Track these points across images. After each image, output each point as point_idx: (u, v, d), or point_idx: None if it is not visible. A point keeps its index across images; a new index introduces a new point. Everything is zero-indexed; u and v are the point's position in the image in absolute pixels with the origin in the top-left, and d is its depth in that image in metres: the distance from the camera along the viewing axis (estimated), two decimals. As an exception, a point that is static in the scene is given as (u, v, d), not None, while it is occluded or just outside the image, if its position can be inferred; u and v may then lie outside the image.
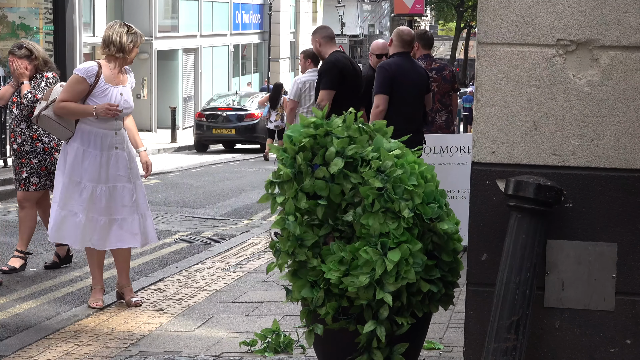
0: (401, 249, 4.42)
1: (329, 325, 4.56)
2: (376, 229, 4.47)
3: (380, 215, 4.47)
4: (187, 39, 35.53)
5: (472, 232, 4.13)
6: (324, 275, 4.53)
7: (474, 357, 4.12)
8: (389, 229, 4.45)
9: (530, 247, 3.91)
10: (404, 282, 4.41)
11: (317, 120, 4.69)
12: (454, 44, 55.41)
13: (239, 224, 12.14)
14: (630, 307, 4.02)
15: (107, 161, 6.73)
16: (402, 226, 4.45)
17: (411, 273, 4.42)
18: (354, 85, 8.93)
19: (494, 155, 4.08)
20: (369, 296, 4.44)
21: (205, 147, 26.65)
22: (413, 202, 4.49)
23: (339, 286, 4.50)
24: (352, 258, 4.50)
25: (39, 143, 8.35)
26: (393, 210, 4.47)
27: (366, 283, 4.41)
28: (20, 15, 24.00)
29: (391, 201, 4.46)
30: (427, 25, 73.04)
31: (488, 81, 4.07)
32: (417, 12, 31.92)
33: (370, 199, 4.49)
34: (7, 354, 5.77)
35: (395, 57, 8.51)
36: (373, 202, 4.48)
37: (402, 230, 4.45)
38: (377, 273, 4.41)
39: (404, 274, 4.41)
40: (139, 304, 6.98)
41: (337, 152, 4.58)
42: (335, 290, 4.51)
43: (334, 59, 8.98)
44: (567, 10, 4.00)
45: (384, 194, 4.48)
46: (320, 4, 49.62)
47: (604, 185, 4.01)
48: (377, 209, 4.48)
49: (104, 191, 6.73)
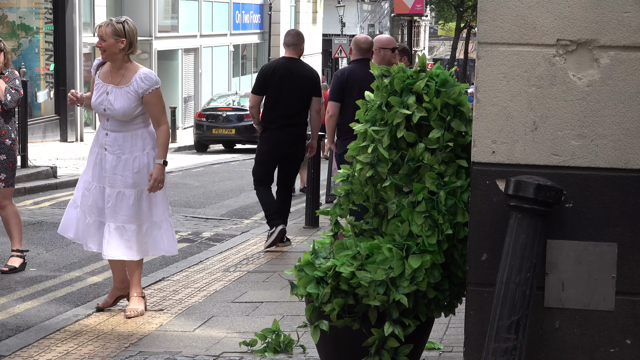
0: (423, 258, 4.40)
1: (333, 322, 4.56)
2: (405, 229, 4.44)
3: (421, 218, 4.44)
4: (187, 39, 35.53)
5: (472, 232, 4.13)
6: (336, 269, 4.51)
7: (474, 357, 4.12)
8: (422, 233, 4.42)
9: (530, 247, 3.91)
10: (414, 288, 4.40)
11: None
12: (454, 44, 55.39)
13: (239, 224, 12.14)
14: (630, 307, 4.02)
15: (99, 160, 6.66)
16: (435, 237, 4.42)
17: (424, 283, 4.41)
18: (288, 89, 9.26)
19: (494, 155, 4.08)
20: (379, 295, 4.42)
21: (205, 147, 26.66)
22: (455, 219, 4.45)
23: (349, 281, 4.47)
24: (367, 255, 4.49)
25: (7, 139, 8.24)
26: (434, 219, 4.44)
27: (382, 278, 4.39)
28: (20, 15, 23.99)
29: (437, 211, 4.43)
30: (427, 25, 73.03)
31: (488, 81, 4.07)
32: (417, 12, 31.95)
33: (420, 197, 4.45)
34: (7, 354, 5.77)
35: (352, 64, 9.00)
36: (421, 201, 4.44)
37: (434, 241, 4.42)
38: (395, 272, 4.40)
39: (418, 281, 4.41)
40: (129, 316, 6.72)
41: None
42: (344, 287, 4.48)
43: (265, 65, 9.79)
44: (567, 10, 4.00)
45: (435, 199, 4.45)
46: (320, 4, 49.60)
47: (604, 185, 4.01)
48: (422, 210, 4.45)
49: (94, 189, 6.65)
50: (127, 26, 6.62)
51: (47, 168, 15.96)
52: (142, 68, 6.71)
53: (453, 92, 4.55)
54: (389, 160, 4.54)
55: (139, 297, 6.84)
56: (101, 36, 6.58)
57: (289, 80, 9.32)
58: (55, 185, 15.28)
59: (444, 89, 4.55)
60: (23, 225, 8.86)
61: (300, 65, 9.50)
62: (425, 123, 4.56)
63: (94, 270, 8.62)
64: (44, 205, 13.06)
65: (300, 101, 9.38)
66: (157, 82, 6.66)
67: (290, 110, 9.33)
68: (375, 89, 4.68)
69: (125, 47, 6.59)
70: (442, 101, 4.53)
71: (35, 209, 12.65)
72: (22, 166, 15.14)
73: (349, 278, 4.48)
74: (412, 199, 4.48)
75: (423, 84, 4.52)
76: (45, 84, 24.25)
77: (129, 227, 6.63)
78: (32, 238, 10.12)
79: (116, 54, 6.58)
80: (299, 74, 9.38)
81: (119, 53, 6.58)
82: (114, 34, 6.56)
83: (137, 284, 6.85)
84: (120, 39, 6.56)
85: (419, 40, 66.15)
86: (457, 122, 4.54)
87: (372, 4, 60.36)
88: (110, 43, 6.56)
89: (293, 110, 9.35)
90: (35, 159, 16.92)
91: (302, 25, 46.46)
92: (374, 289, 4.43)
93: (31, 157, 16.26)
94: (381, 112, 4.59)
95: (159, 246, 6.80)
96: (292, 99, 9.34)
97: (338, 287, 4.53)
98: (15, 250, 8.42)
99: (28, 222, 11.07)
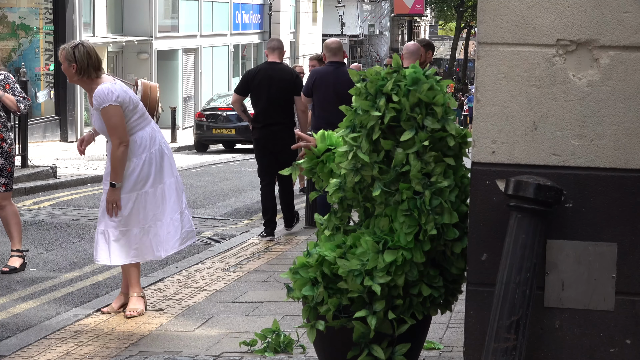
0: (396, 255, 4.40)
1: (329, 323, 4.57)
2: (385, 225, 4.45)
3: (403, 216, 4.43)
4: (187, 39, 35.53)
5: (472, 232, 4.13)
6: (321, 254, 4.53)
7: (474, 357, 4.12)
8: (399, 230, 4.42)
9: (530, 247, 3.91)
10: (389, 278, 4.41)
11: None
12: (454, 44, 55.42)
13: (239, 224, 12.14)
14: (630, 307, 4.02)
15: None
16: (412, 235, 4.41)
17: (401, 279, 4.42)
18: (269, 91, 10.03)
19: (494, 155, 4.08)
20: (358, 286, 4.43)
21: (205, 147, 26.65)
22: (442, 219, 4.41)
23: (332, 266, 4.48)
24: (350, 246, 4.51)
25: (4, 143, 8.21)
26: (416, 218, 4.42)
27: (356, 268, 4.41)
28: (20, 15, 24.00)
29: (419, 211, 4.40)
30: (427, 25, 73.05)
31: (488, 81, 4.08)
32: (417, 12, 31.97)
33: (404, 195, 4.43)
34: (7, 354, 5.78)
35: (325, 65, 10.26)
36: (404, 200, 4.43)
37: (411, 238, 4.42)
38: (369, 264, 4.42)
39: (394, 276, 4.42)
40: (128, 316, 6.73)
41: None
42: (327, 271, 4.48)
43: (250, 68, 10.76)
44: (567, 10, 4.00)
45: (417, 199, 4.42)
46: (320, 4, 49.61)
47: (604, 185, 4.01)
48: (404, 208, 4.44)
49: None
50: (77, 52, 6.61)
51: (47, 168, 15.97)
52: (100, 86, 6.61)
53: (422, 89, 4.44)
54: (372, 163, 4.52)
55: (138, 297, 6.85)
56: (62, 60, 6.66)
57: (269, 82, 10.05)
58: (55, 185, 15.29)
59: (413, 88, 4.46)
60: (23, 225, 8.87)
61: (281, 68, 10.24)
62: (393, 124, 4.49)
63: (94, 270, 8.62)
64: (44, 205, 13.07)
65: (281, 102, 10.11)
66: (106, 101, 6.52)
67: (271, 110, 10.09)
68: (356, 94, 4.64)
69: (77, 71, 6.62)
70: (413, 100, 4.43)
71: (35, 209, 12.65)
72: (22, 166, 15.16)
73: (332, 263, 4.49)
74: (398, 197, 4.48)
75: (391, 85, 4.45)
76: (45, 84, 24.25)
77: (112, 232, 6.66)
78: (32, 238, 10.13)
79: (72, 78, 6.66)
80: (279, 77, 10.10)
81: (74, 76, 6.63)
82: (66, 59, 6.62)
83: (135, 284, 6.87)
84: (71, 63, 6.60)
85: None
86: (431, 120, 4.44)
87: (372, 4, 60.37)
88: (65, 67, 6.66)
89: (274, 111, 10.08)
90: (35, 159, 16.92)
91: (302, 25, 46.48)
92: (352, 279, 4.44)
93: (31, 157, 16.26)
94: (358, 117, 4.56)
95: (146, 251, 6.79)
96: (273, 100, 10.06)
97: (330, 288, 4.54)
98: (15, 250, 8.41)
99: (28, 222, 11.07)
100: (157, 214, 6.73)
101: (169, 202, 6.75)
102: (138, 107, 6.68)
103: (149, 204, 6.69)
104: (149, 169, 6.65)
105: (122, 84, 6.75)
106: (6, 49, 23.52)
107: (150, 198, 6.69)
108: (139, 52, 32.31)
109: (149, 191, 6.67)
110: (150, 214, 6.70)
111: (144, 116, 6.72)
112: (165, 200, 6.74)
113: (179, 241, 6.84)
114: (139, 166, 6.63)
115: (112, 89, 6.57)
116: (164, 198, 6.73)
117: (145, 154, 6.65)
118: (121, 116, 6.56)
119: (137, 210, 6.67)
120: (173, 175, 6.80)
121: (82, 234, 10.65)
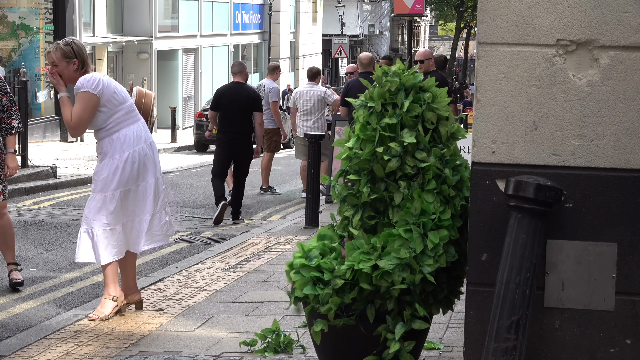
0: (441, 234, 4.45)
1: (331, 322, 4.58)
2: (418, 207, 4.47)
3: (432, 195, 4.49)
4: (187, 39, 35.53)
5: (472, 232, 4.13)
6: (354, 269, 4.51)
7: (474, 357, 4.12)
8: (435, 209, 4.47)
9: (530, 247, 3.91)
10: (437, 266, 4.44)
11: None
12: (454, 44, 55.39)
13: (239, 224, 12.14)
14: (630, 307, 4.02)
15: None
16: (449, 212, 4.48)
17: (443, 259, 4.46)
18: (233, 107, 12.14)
19: (494, 155, 4.09)
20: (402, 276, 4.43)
21: (205, 147, 26.62)
22: (463, 194, 4.57)
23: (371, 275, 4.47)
24: (382, 247, 4.52)
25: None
26: (445, 194, 4.52)
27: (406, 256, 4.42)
28: (20, 15, 24.00)
29: (447, 185, 4.52)
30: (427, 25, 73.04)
31: (488, 81, 4.08)
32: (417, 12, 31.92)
33: (430, 174, 4.51)
34: (7, 354, 5.77)
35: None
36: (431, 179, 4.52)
37: (449, 215, 4.48)
38: (417, 249, 4.43)
39: (439, 258, 4.44)
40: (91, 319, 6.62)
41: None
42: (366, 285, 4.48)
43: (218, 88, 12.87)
44: (567, 10, 4.00)
45: (442, 175, 4.53)
46: (320, 4, 49.60)
47: (604, 185, 4.01)
48: (432, 187, 4.51)
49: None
50: (75, 46, 6.63)
51: (47, 168, 15.97)
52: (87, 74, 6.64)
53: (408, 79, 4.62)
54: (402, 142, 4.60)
55: (109, 299, 6.75)
56: (52, 62, 6.61)
57: (233, 100, 12.16)
58: (55, 185, 15.29)
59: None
60: (23, 226, 8.85)
61: (244, 88, 12.38)
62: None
63: (94, 270, 8.62)
64: (44, 205, 13.07)
65: (242, 116, 12.18)
66: (86, 86, 6.51)
67: (234, 123, 12.16)
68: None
69: (79, 66, 6.61)
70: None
71: (35, 208, 12.65)
72: (22, 166, 15.15)
73: (370, 273, 4.49)
74: (420, 180, 4.53)
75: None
76: (45, 84, 24.25)
77: (97, 230, 6.63)
78: (32, 238, 10.13)
79: (72, 76, 6.61)
80: (242, 95, 12.22)
81: (74, 73, 6.61)
82: (65, 57, 6.59)
83: (110, 284, 6.75)
84: (72, 60, 6.59)
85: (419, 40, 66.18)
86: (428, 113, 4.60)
87: (372, 4, 60.38)
88: (63, 66, 6.61)
89: (237, 123, 12.17)
90: (35, 159, 16.93)
91: (302, 25, 46.48)
92: (398, 274, 4.44)
93: (31, 157, 16.27)
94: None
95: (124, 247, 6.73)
96: (236, 114, 12.14)
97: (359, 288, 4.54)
98: (13, 263, 7.93)
99: (28, 222, 11.07)
100: (135, 210, 6.71)
101: (147, 200, 6.73)
102: (124, 105, 6.66)
103: (131, 200, 6.68)
104: (131, 166, 6.64)
105: (111, 80, 6.76)
106: (6, 49, 23.53)
107: (132, 195, 6.68)
108: (139, 52, 32.32)
109: (131, 188, 6.66)
110: (130, 210, 6.70)
111: (132, 114, 6.70)
112: (145, 198, 6.72)
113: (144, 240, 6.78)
114: (121, 163, 6.60)
115: (97, 79, 6.58)
116: (144, 196, 6.72)
117: (128, 152, 6.63)
118: (91, 109, 6.54)
119: (120, 208, 6.65)
120: (155, 177, 6.77)
121: (82, 234, 10.64)
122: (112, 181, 6.60)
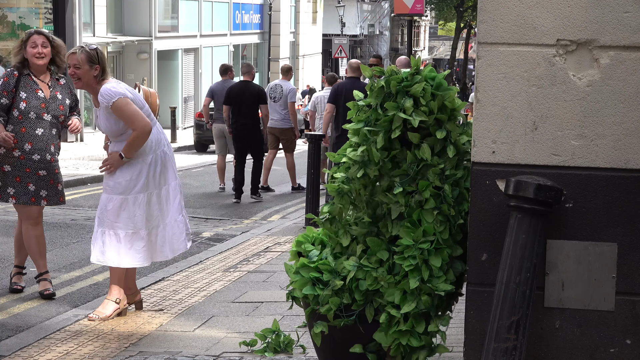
0: (442, 255, 4.43)
1: (330, 322, 4.57)
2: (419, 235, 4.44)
3: (432, 215, 4.45)
4: (187, 39, 35.51)
5: (472, 232, 4.13)
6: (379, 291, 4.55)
7: (474, 357, 4.12)
8: (436, 231, 4.43)
9: (530, 247, 3.91)
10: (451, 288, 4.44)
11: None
12: (454, 44, 55.38)
13: (239, 224, 12.14)
14: (630, 307, 4.02)
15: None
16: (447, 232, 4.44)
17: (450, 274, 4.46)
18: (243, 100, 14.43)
19: (494, 155, 4.08)
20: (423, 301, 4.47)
21: (205, 147, 26.62)
22: (463, 207, 4.49)
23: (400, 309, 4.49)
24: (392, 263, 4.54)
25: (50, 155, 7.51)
26: (445, 213, 4.45)
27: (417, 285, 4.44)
28: (20, 15, 24.00)
29: (447, 205, 4.45)
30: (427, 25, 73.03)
31: (488, 81, 4.07)
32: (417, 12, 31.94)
33: (427, 193, 4.46)
34: (7, 354, 5.77)
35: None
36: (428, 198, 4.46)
37: (447, 235, 4.44)
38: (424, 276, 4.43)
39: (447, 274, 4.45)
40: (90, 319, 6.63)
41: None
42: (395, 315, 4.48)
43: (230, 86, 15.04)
44: (567, 10, 4.00)
45: (441, 194, 4.47)
46: (320, 4, 49.60)
47: (604, 185, 4.01)
48: (430, 206, 4.46)
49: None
50: (100, 52, 6.65)
51: (47, 168, 15.93)
52: (103, 85, 6.61)
53: (449, 96, 4.54)
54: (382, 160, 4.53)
55: (111, 301, 6.75)
56: (75, 64, 6.58)
57: (242, 94, 14.47)
58: (55, 185, 15.25)
59: (439, 92, 4.53)
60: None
61: (251, 85, 14.79)
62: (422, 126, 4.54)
63: (94, 270, 8.62)
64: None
65: (250, 108, 14.49)
66: (113, 96, 6.51)
67: (243, 113, 14.49)
68: (369, 90, 4.65)
69: (99, 74, 6.61)
70: (439, 104, 4.52)
71: (35, 209, 12.62)
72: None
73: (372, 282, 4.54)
74: (419, 197, 4.48)
75: (421, 88, 4.50)
76: (45, 84, 24.22)
77: (122, 233, 6.63)
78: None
79: (90, 81, 6.60)
80: (249, 91, 14.53)
81: (94, 80, 6.60)
82: (89, 61, 6.58)
83: (114, 287, 6.75)
84: (95, 65, 6.59)
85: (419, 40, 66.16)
86: (452, 125, 4.54)
87: (372, 4, 60.36)
88: (85, 70, 6.58)
89: (247, 114, 14.50)
90: (35, 159, 16.88)
91: (302, 25, 46.46)
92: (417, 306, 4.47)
93: (31, 157, 16.22)
94: (376, 114, 4.57)
95: (154, 252, 6.75)
96: (246, 107, 14.44)
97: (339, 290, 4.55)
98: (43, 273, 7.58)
99: (28, 222, 11.04)
100: (162, 215, 6.72)
101: (173, 203, 6.75)
102: (143, 108, 6.68)
103: (154, 204, 6.69)
104: (154, 170, 6.65)
105: (126, 85, 6.77)
106: (6, 49, 23.52)
107: (155, 199, 6.69)
108: (139, 52, 32.29)
109: (154, 192, 6.67)
110: (155, 215, 6.70)
111: (150, 118, 6.71)
112: (169, 202, 6.74)
113: (184, 242, 6.83)
114: (145, 168, 6.62)
115: (117, 87, 6.60)
116: (167, 199, 6.73)
117: (151, 156, 6.65)
118: (135, 107, 6.56)
119: (145, 212, 6.65)
120: (176, 178, 6.81)
121: (82, 234, 10.65)
122: (136, 184, 6.61)
